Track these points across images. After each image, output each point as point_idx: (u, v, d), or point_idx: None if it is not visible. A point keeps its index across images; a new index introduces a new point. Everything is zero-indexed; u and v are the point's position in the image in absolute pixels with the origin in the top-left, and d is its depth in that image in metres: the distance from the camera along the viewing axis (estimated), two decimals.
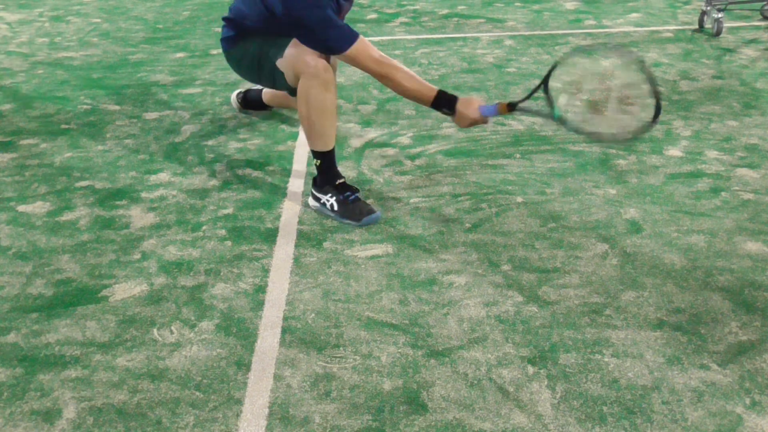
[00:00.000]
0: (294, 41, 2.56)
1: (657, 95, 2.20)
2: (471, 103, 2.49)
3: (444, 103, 2.52)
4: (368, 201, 2.69)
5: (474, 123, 2.52)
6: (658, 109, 2.20)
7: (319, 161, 2.64)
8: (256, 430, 1.68)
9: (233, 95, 3.65)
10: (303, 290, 2.20)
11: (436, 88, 2.53)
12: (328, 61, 2.58)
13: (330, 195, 2.60)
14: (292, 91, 2.65)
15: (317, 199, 2.65)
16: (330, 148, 2.61)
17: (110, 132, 3.46)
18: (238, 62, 2.85)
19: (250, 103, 3.59)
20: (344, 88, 4.01)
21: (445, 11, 5.76)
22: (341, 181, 2.64)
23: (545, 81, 2.43)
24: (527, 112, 2.50)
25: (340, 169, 2.69)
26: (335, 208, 2.59)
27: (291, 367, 1.88)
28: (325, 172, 2.64)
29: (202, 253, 2.41)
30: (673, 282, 2.21)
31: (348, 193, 2.60)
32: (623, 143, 2.35)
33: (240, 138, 3.34)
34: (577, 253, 2.37)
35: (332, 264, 2.34)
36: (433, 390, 1.79)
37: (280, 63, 2.60)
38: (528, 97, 2.46)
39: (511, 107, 2.45)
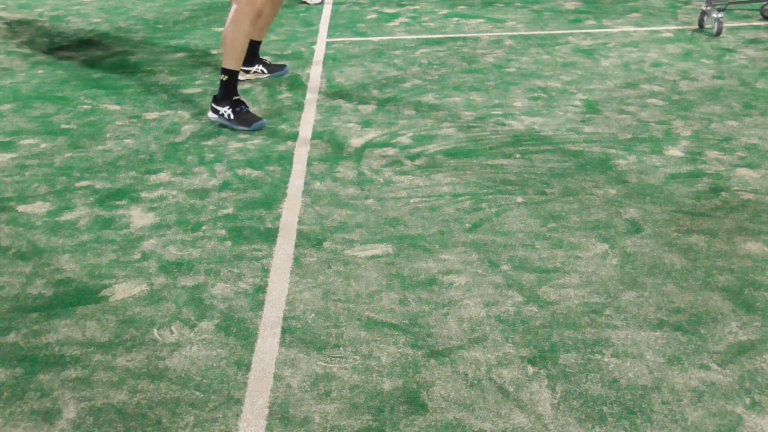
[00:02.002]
0: None
1: None
2: None
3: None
4: (368, 201, 2.70)
5: None
6: None
7: (226, 77, 3.37)
8: (256, 430, 1.68)
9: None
10: (303, 290, 2.20)
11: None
12: None
13: (228, 107, 3.38)
14: None
15: (215, 111, 3.41)
16: (238, 68, 3.41)
17: (110, 132, 3.46)
18: None
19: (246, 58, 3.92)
20: (344, 87, 4.01)
21: (445, 11, 5.76)
22: (237, 97, 3.40)
23: None
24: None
25: (340, 168, 2.70)
26: (231, 117, 3.37)
27: (291, 367, 1.88)
28: (228, 88, 3.37)
29: (202, 253, 2.41)
30: (673, 282, 2.21)
31: (242, 107, 3.38)
32: None
33: (240, 138, 3.34)
34: (577, 253, 2.37)
35: (332, 264, 2.34)
36: (433, 390, 1.79)
37: None
38: None
39: None
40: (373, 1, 6.18)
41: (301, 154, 3.16)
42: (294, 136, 3.35)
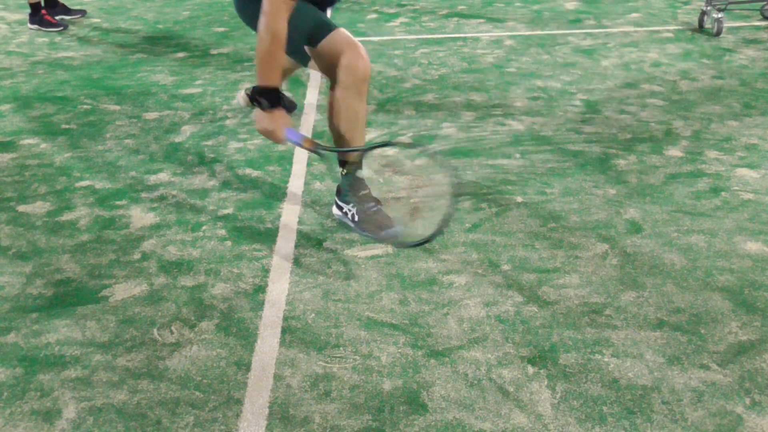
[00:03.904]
0: (333, 35, 2.35)
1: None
2: (283, 118, 2.26)
3: (266, 96, 2.22)
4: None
5: (268, 135, 2.27)
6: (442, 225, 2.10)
7: (345, 170, 2.52)
8: (256, 430, 1.68)
9: (240, 93, 3.57)
10: (303, 290, 2.20)
11: (279, 83, 2.27)
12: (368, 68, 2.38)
13: (352, 205, 2.52)
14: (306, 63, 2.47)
15: (340, 208, 2.57)
16: (357, 160, 2.49)
17: (110, 132, 3.46)
18: (251, 19, 2.45)
19: None
20: None
21: (445, 11, 5.76)
22: (365, 192, 2.54)
23: (374, 147, 2.37)
24: (323, 159, 2.38)
25: (340, 168, 2.69)
26: (356, 218, 2.50)
27: (291, 367, 1.88)
28: (350, 182, 2.53)
29: (202, 253, 2.41)
30: (673, 282, 2.21)
31: (370, 204, 2.51)
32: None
33: (240, 138, 3.34)
34: (577, 253, 2.37)
35: (332, 264, 2.34)
36: (433, 390, 1.79)
37: (311, 52, 2.40)
38: (339, 151, 2.42)
39: (314, 148, 2.29)
40: (373, 1, 6.17)
41: (301, 154, 3.16)
42: None
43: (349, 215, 2.53)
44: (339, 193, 2.59)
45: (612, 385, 1.80)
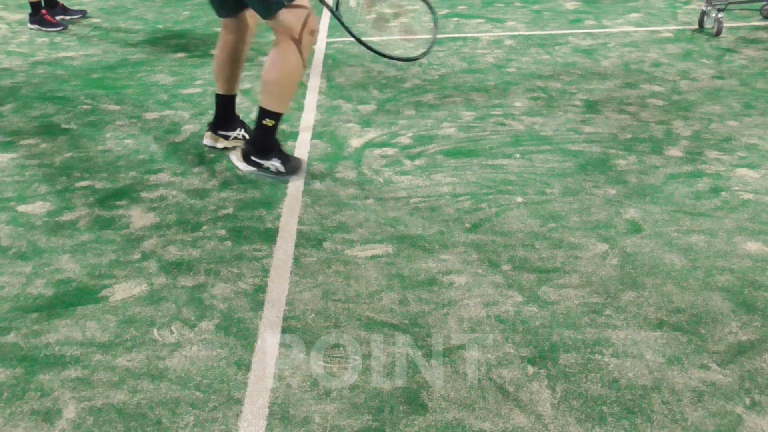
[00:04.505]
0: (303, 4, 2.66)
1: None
2: None
3: None
4: (368, 201, 2.70)
5: None
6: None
7: (272, 122, 2.76)
8: (256, 430, 1.68)
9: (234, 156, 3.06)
10: (303, 290, 2.20)
11: None
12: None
13: (276, 159, 2.82)
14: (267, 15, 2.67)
15: (257, 165, 2.84)
16: (285, 111, 2.80)
17: (110, 132, 3.46)
18: None
19: (223, 120, 3.19)
20: (344, 88, 4.01)
21: (445, 11, 5.76)
22: (281, 145, 2.87)
23: None
24: None
25: (340, 168, 2.72)
26: (281, 170, 2.80)
27: (291, 367, 1.88)
28: (272, 136, 2.81)
29: (202, 253, 2.41)
30: (673, 282, 2.21)
31: (288, 155, 2.87)
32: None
33: None
34: (577, 253, 2.37)
35: (332, 264, 2.34)
36: (433, 390, 1.79)
37: (285, 7, 2.64)
38: None
39: None
40: (373, 1, 6.17)
41: (301, 154, 3.16)
42: (294, 136, 3.35)
43: (273, 168, 2.81)
44: (257, 150, 2.83)
45: (612, 385, 1.80)
